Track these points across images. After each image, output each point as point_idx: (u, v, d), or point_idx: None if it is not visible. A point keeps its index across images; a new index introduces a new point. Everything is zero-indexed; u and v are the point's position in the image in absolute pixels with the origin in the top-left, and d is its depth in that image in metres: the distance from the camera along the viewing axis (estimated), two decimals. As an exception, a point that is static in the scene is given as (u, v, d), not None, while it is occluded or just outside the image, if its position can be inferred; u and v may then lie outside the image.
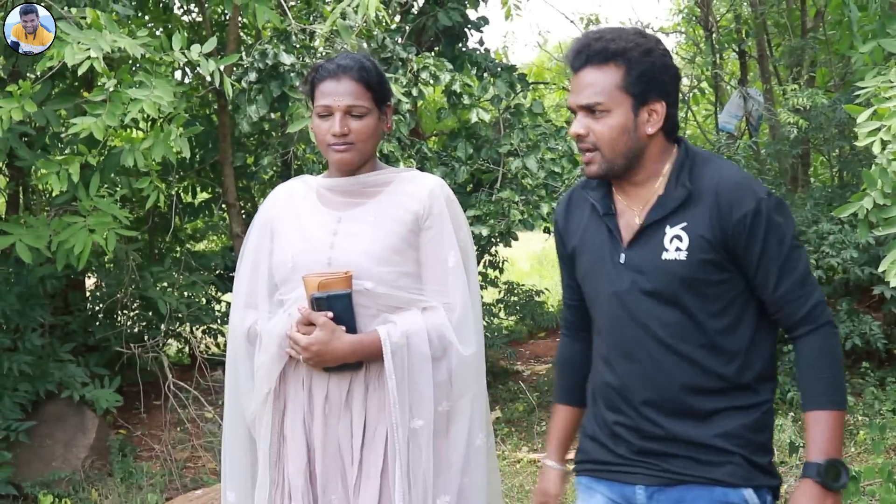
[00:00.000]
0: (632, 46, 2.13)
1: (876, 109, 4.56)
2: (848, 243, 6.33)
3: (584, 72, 2.14)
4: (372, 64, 2.52)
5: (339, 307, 2.37)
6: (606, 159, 2.14)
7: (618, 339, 2.21)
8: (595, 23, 10.20)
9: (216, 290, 8.16)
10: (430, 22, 6.98)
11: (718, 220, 2.10)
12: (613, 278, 2.20)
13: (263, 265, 2.58)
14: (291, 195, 2.61)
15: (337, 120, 2.40)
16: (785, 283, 2.11)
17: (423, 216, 2.47)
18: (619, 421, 2.24)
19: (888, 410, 6.10)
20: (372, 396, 2.46)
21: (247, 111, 5.51)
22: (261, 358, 2.50)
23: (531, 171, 6.26)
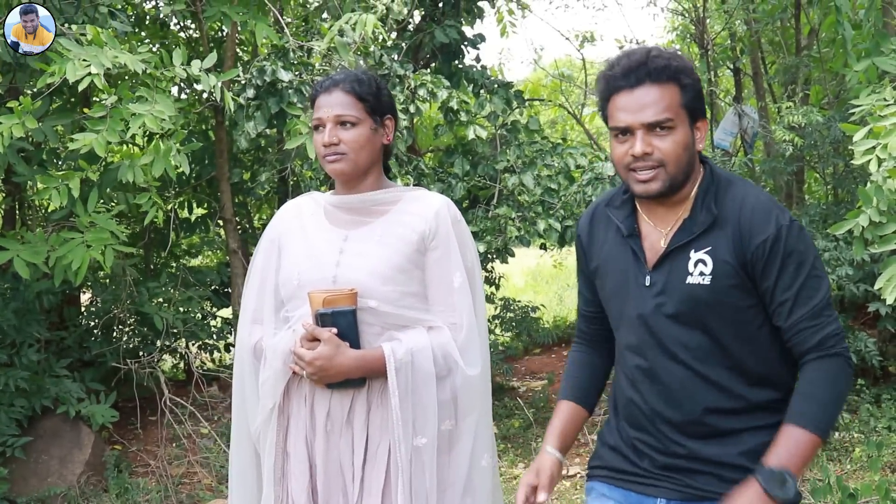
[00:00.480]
0: (686, 66, 2.17)
1: (872, 128, 4.60)
2: (843, 260, 6.35)
3: (641, 89, 2.12)
4: (369, 77, 2.54)
5: (343, 323, 2.38)
6: (670, 175, 2.14)
7: (642, 360, 2.22)
8: (590, 40, 10.26)
9: (212, 306, 8.16)
10: (427, 39, 7.01)
11: (740, 245, 2.11)
12: (638, 301, 2.21)
13: (270, 281, 2.60)
14: (300, 212, 2.63)
15: (327, 130, 2.45)
16: (799, 311, 2.10)
17: (429, 236, 2.48)
18: (642, 438, 2.26)
19: (884, 427, 6.11)
20: (374, 414, 2.46)
21: (245, 127, 5.53)
22: (265, 374, 2.51)
23: (528, 188, 6.28)
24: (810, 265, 2.10)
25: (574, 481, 5.91)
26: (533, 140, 6.78)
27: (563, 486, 5.88)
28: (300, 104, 5.50)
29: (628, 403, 2.28)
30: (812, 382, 2.09)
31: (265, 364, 2.52)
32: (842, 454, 5.85)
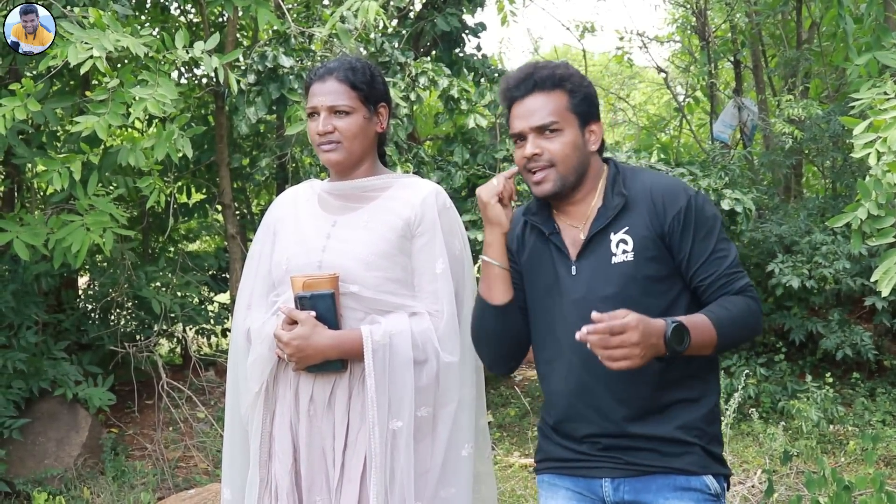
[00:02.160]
0: (572, 73, 2.35)
1: (872, 121, 4.60)
2: (840, 254, 6.38)
3: (530, 98, 2.30)
4: (363, 65, 2.55)
5: (321, 307, 2.40)
6: (560, 175, 2.29)
7: (577, 345, 2.19)
8: (591, 31, 10.26)
9: (209, 291, 8.18)
10: (429, 27, 7.00)
11: (656, 219, 2.27)
12: (569, 290, 2.32)
13: (264, 266, 2.62)
14: (295, 199, 2.66)
15: (321, 119, 2.46)
16: (715, 268, 2.26)
17: (414, 223, 2.49)
18: (581, 425, 2.34)
19: (878, 421, 6.15)
20: (355, 399, 2.46)
21: (245, 113, 5.53)
22: (251, 357, 2.53)
23: (527, 177, 6.28)
24: (719, 230, 2.29)
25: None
26: (533, 129, 6.77)
27: (525, 474, 5.89)
28: (300, 90, 5.50)
29: (564, 394, 2.35)
30: (729, 301, 2.23)
31: (252, 348, 2.54)
32: (836, 447, 5.89)
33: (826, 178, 7.66)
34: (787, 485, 4.89)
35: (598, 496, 2.34)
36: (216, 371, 7.46)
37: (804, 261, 6.49)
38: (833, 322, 6.68)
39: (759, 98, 8.18)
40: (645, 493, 2.28)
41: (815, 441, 5.68)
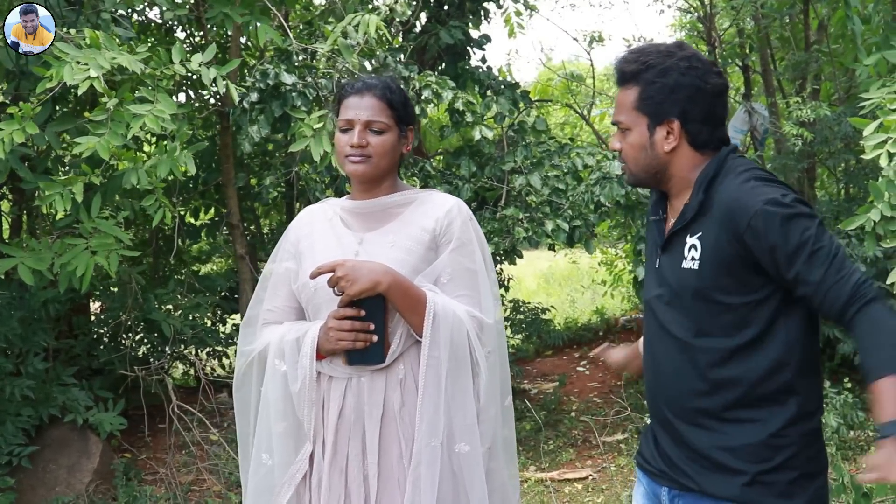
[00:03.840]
0: (645, 68, 2.22)
1: (882, 122, 4.53)
2: (856, 257, 6.28)
3: (619, 91, 2.29)
4: (398, 86, 2.59)
5: (369, 306, 2.39)
6: (631, 172, 2.31)
7: (649, 343, 2.32)
8: (598, 41, 10.21)
9: (220, 312, 8.14)
10: (433, 40, 6.97)
11: (730, 229, 2.10)
12: (651, 283, 2.33)
13: (284, 286, 2.61)
14: (313, 219, 2.65)
15: (356, 132, 2.47)
16: (818, 270, 2.03)
17: (440, 234, 2.49)
18: (654, 421, 2.35)
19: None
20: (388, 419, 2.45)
21: (248, 131, 5.49)
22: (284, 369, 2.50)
23: (535, 189, 6.23)
24: (816, 225, 2.07)
25: (586, 483, 5.86)
26: (540, 141, 6.73)
27: (574, 489, 5.82)
28: (304, 107, 5.46)
29: (646, 387, 2.39)
30: (871, 332, 2.01)
31: (287, 360, 2.49)
32: (857, 453, 5.78)
33: (839, 182, 7.57)
34: (809, 494, 4.79)
35: (659, 500, 2.34)
36: (229, 393, 7.41)
37: (819, 265, 6.39)
38: (850, 326, 6.57)
39: (769, 102, 8.11)
40: None
41: (834, 448, 5.58)
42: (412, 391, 2.43)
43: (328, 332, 2.41)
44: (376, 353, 2.42)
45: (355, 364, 2.43)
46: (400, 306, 2.40)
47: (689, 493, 2.21)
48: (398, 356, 2.44)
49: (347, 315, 2.39)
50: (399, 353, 2.44)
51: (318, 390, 2.49)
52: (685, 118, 2.21)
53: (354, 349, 2.40)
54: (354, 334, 2.38)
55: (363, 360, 2.42)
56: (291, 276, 2.59)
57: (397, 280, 2.37)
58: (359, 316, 2.39)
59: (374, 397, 2.43)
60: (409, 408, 2.43)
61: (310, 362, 2.46)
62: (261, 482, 2.56)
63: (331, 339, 2.40)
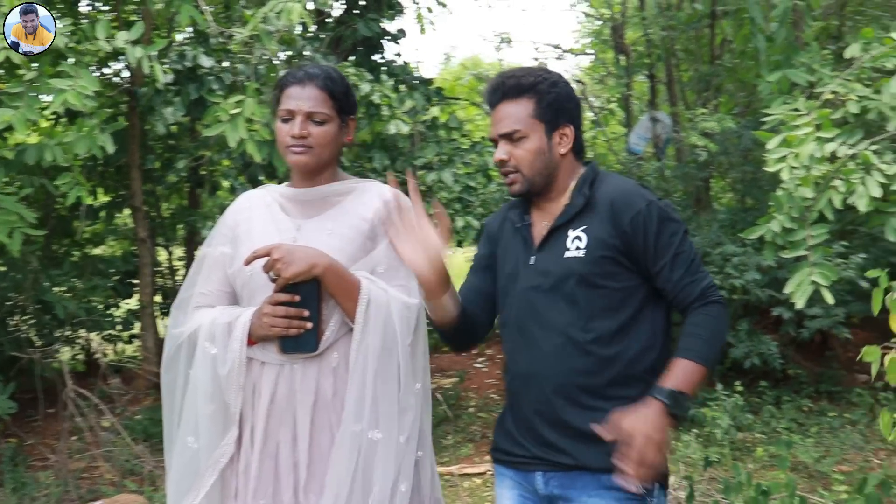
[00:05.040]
0: (540, 80, 2.43)
1: (785, 137, 4.72)
2: (750, 265, 6.53)
3: (501, 106, 2.41)
4: (339, 76, 2.56)
5: (304, 292, 2.37)
6: (526, 178, 2.41)
7: (524, 331, 2.42)
8: (507, 41, 10.34)
9: (115, 296, 7.94)
10: (349, 32, 6.94)
11: (613, 222, 2.34)
12: (524, 278, 2.43)
13: (218, 270, 2.57)
14: (252, 204, 2.62)
15: (297, 123, 2.46)
16: (678, 269, 2.33)
17: (378, 224, 2.48)
18: (525, 408, 2.42)
19: (784, 428, 6.31)
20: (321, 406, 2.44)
21: (162, 113, 5.37)
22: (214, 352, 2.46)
23: (447, 185, 6.27)
24: (682, 232, 2.36)
25: (484, 478, 5.94)
26: (452, 138, 6.78)
27: (473, 483, 5.89)
28: (220, 91, 5.37)
29: (513, 379, 2.47)
30: (696, 324, 2.30)
31: (217, 343, 2.45)
32: (745, 454, 6.01)
33: (736, 192, 7.84)
34: (701, 491, 4.96)
35: (532, 487, 2.43)
36: (122, 379, 7.24)
37: (716, 271, 6.62)
38: (742, 332, 6.83)
39: (672, 111, 8.34)
40: (570, 490, 2.35)
41: (728, 448, 5.80)
42: (344, 378, 2.42)
43: (262, 317, 2.38)
44: (309, 340, 2.40)
45: (289, 352, 2.41)
46: (334, 291, 2.39)
47: (566, 471, 2.34)
48: (332, 344, 2.43)
49: (282, 301, 2.37)
50: (333, 341, 2.43)
51: (249, 376, 2.46)
52: (575, 124, 2.46)
53: (288, 336, 2.39)
54: (288, 321, 2.36)
55: (296, 348, 2.40)
56: (226, 260, 2.56)
57: (332, 264, 2.36)
58: (293, 302, 2.38)
59: (306, 384, 2.42)
60: (342, 396, 2.42)
61: (240, 346, 2.43)
62: (186, 465, 2.52)
63: (264, 325, 2.38)
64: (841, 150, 4.56)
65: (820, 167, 4.55)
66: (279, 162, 5.04)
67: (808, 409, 6.82)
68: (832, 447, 6.04)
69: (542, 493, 2.40)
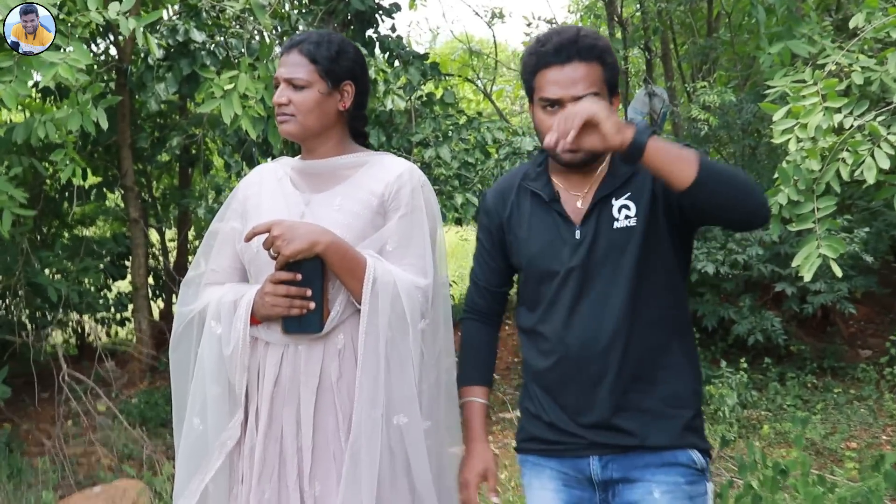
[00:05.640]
0: (608, 46, 2.30)
1: (791, 108, 4.64)
2: (752, 240, 6.46)
3: (571, 66, 2.24)
4: (330, 40, 2.45)
5: (307, 270, 2.26)
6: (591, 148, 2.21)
7: (575, 311, 2.26)
8: (500, 17, 10.20)
9: (106, 278, 7.82)
10: (342, 6, 6.80)
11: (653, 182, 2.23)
12: (569, 254, 2.28)
13: (228, 246, 2.48)
14: (263, 178, 2.52)
15: (279, 90, 2.40)
16: None
17: (388, 199, 2.37)
18: (573, 395, 2.28)
19: (790, 405, 6.25)
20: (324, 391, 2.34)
21: (155, 89, 5.24)
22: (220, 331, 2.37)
23: (445, 161, 6.16)
24: None
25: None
26: (448, 114, 6.67)
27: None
28: (213, 67, 5.25)
29: (554, 366, 2.31)
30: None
31: (223, 322, 2.36)
32: (750, 431, 5.96)
33: (736, 165, 7.76)
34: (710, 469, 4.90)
35: (584, 475, 2.29)
36: (117, 362, 7.14)
37: (718, 247, 6.56)
38: (745, 308, 6.77)
39: (668, 86, 8.24)
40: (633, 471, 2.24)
41: (736, 426, 5.74)
42: (351, 362, 2.32)
43: (263, 296, 2.29)
44: (314, 321, 2.29)
45: (291, 332, 2.30)
46: (338, 270, 2.28)
47: (626, 453, 2.23)
48: (337, 325, 2.32)
49: (283, 279, 2.27)
50: (339, 322, 2.33)
51: (254, 356, 2.36)
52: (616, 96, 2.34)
53: (290, 316, 2.29)
54: (290, 300, 2.26)
55: (300, 329, 2.30)
56: (236, 235, 2.46)
57: (336, 241, 2.25)
58: (295, 280, 2.27)
59: (310, 367, 2.31)
60: (347, 379, 2.32)
61: (243, 326, 2.33)
62: (192, 447, 2.42)
63: (266, 305, 2.28)
64: (847, 121, 4.49)
65: (827, 139, 4.49)
66: (275, 138, 4.93)
67: (812, 385, 6.77)
68: (839, 424, 6.00)
69: (597, 478, 2.27)
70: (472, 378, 2.49)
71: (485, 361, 2.54)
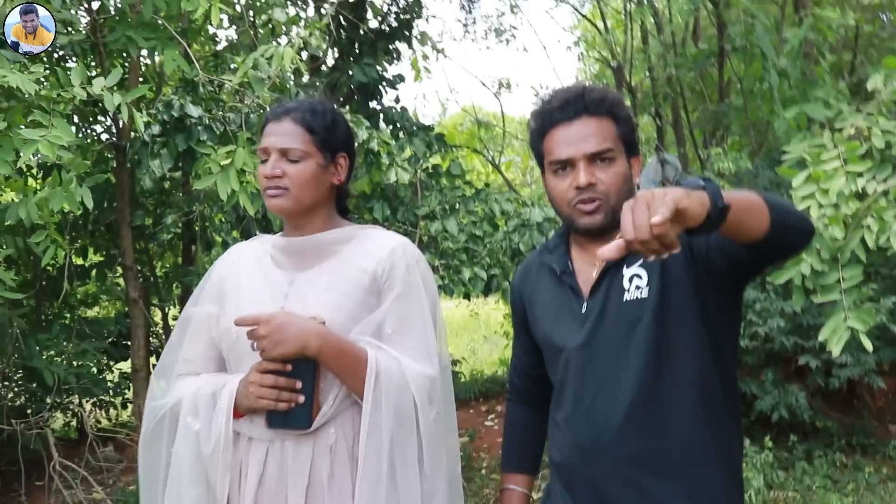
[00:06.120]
0: (621, 101, 2.13)
1: (811, 173, 4.47)
2: (773, 311, 6.21)
3: (580, 121, 2.05)
4: (324, 108, 2.25)
5: (298, 361, 2.05)
6: (612, 208, 2.04)
7: (580, 397, 2.04)
8: (507, 87, 10.12)
9: (108, 359, 7.60)
10: (344, 78, 6.69)
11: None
12: (575, 332, 2.06)
13: (203, 332, 2.26)
14: (241, 257, 2.33)
15: (270, 161, 2.17)
16: None
17: (382, 277, 2.16)
18: (585, 488, 2.04)
19: (818, 487, 5.93)
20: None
21: (150, 166, 5.08)
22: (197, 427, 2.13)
23: (452, 234, 5.97)
24: None
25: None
26: (455, 185, 6.50)
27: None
28: (210, 142, 5.09)
29: (567, 454, 2.08)
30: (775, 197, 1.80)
31: (201, 417, 2.13)
32: (780, 514, 5.65)
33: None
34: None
35: None
36: (115, 447, 6.88)
37: (737, 319, 6.31)
38: (767, 382, 6.49)
39: (680, 152, 8.08)
40: None
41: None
42: (343, 459, 2.10)
43: (248, 386, 2.07)
44: (302, 416, 2.07)
45: (276, 427, 2.08)
46: (335, 370, 2.07)
47: None
48: (329, 420, 2.11)
49: (271, 369, 2.05)
50: (330, 417, 2.11)
51: (236, 453, 2.14)
52: (636, 156, 2.14)
53: (276, 410, 2.07)
54: (277, 392, 2.05)
55: (286, 424, 2.08)
56: (212, 320, 2.25)
57: (330, 342, 2.04)
58: (285, 371, 2.06)
59: (299, 465, 2.09)
60: (339, 478, 2.09)
61: (226, 420, 2.10)
62: None
63: (250, 396, 2.06)
64: (870, 186, 4.30)
65: (850, 204, 4.29)
66: (274, 215, 4.75)
67: (841, 464, 6.44)
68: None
69: None
70: (513, 465, 2.35)
71: (527, 446, 2.38)
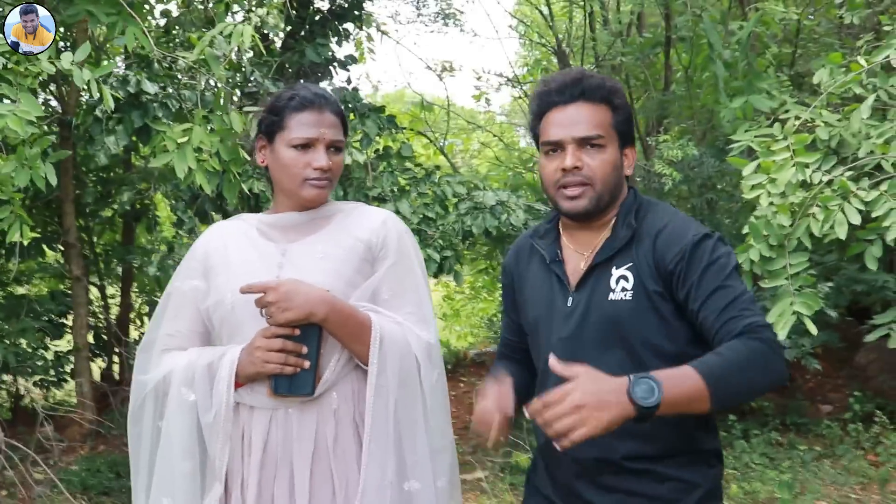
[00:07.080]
0: (619, 89, 2.16)
1: (760, 163, 4.60)
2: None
3: (574, 106, 2.10)
4: (333, 94, 2.35)
5: (305, 326, 2.09)
6: (597, 194, 2.08)
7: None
8: (449, 71, 10.15)
9: (44, 337, 7.46)
10: (296, 57, 6.65)
11: (658, 258, 2.01)
12: (560, 324, 2.11)
13: (189, 307, 2.27)
14: (226, 233, 2.35)
15: (322, 153, 2.22)
16: (720, 302, 1.92)
17: (377, 246, 2.23)
18: (563, 475, 2.12)
19: (757, 463, 6.13)
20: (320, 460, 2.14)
21: (104, 142, 5.00)
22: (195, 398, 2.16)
23: (404, 216, 6.00)
24: (729, 270, 1.97)
25: None
26: (406, 167, 6.52)
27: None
28: (166, 119, 5.03)
29: (547, 441, 2.09)
30: (729, 347, 1.85)
31: (197, 388, 2.15)
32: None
33: (696, 219, 7.73)
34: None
35: None
36: (56, 426, 6.78)
37: (680, 302, 6.47)
38: (706, 364, 6.67)
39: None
40: None
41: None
42: (347, 423, 2.15)
43: (254, 351, 2.10)
44: (307, 381, 2.11)
45: (282, 394, 2.11)
46: (340, 336, 2.12)
47: None
48: (330, 386, 2.15)
49: (279, 334, 2.09)
50: (332, 384, 2.15)
51: (237, 422, 2.16)
52: (630, 146, 2.19)
53: (282, 375, 2.10)
54: (285, 356, 2.08)
55: (290, 390, 2.11)
56: (199, 295, 2.27)
57: (336, 308, 2.09)
58: (293, 336, 2.09)
59: (303, 431, 2.13)
60: (343, 442, 2.14)
61: (227, 388, 2.13)
62: None
63: (256, 361, 2.09)
64: (816, 176, 4.45)
65: (796, 194, 4.43)
66: (230, 193, 4.72)
67: (777, 442, 6.66)
68: (808, 483, 5.88)
69: None
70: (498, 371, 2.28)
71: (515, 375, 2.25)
